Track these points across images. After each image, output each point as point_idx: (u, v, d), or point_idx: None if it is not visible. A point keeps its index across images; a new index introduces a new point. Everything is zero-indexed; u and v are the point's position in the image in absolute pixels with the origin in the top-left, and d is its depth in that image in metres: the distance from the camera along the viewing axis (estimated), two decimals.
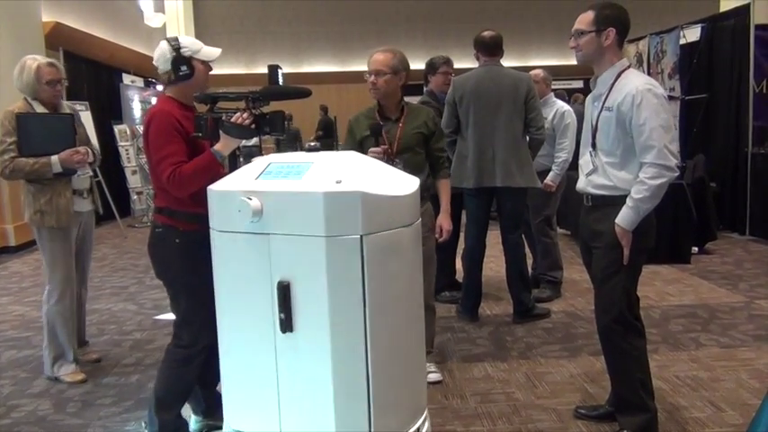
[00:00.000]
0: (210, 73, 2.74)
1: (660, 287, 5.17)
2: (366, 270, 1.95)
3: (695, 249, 6.24)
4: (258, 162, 2.16)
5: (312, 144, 2.17)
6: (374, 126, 3.20)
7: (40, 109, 3.47)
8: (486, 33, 4.29)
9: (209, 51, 2.71)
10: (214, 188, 2.09)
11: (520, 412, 3.05)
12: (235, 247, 2.02)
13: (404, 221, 2.08)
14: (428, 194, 3.38)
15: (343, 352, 1.99)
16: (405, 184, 2.17)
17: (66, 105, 3.62)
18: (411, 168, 3.20)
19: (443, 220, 3.36)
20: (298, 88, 2.64)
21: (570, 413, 3.00)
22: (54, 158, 3.34)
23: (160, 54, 2.63)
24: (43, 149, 3.36)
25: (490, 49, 4.26)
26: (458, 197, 4.50)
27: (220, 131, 2.51)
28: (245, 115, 2.49)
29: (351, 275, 1.95)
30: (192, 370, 2.67)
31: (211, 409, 2.84)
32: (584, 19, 2.61)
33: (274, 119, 2.51)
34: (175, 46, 2.60)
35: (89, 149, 3.52)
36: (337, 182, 1.94)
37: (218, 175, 2.43)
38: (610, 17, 2.57)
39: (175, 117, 2.55)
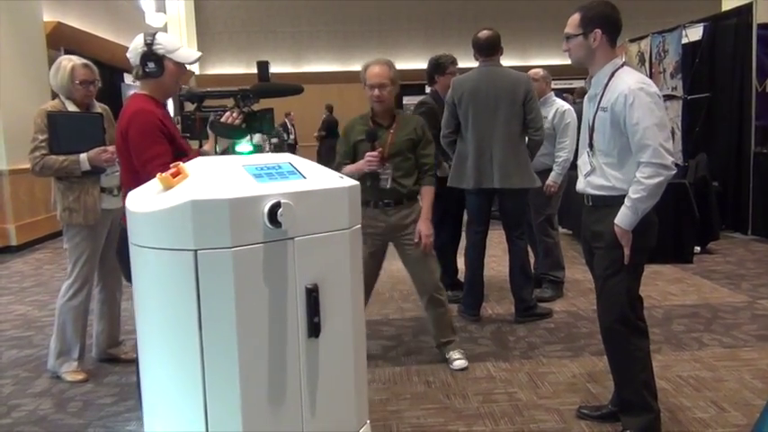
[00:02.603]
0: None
1: (663, 287, 5.16)
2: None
3: (698, 249, 6.22)
4: (211, 165, 1.95)
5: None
6: (369, 131, 3.45)
7: (72, 108, 3.52)
8: (481, 34, 4.28)
9: (186, 54, 2.60)
10: (215, 198, 1.75)
11: (522, 412, 3.05)
12: (254, 261, 1.80)
13: None
14: (418, 197, 3.57)
15: (359, 346, 2.07)
16: None
17: (99, 106, 3.69)
18: (401, 172, 3.48)
19: (422, 225, 3.50)
20: (289, 85, 2.56)
21: (573, 413, 2.99)
22: (82, 156, 3.39)
23: (133, 47, 2.54)
24: (73, 147, 3.41)
25: (485, 49, 4.26)
26: (460, 198, 4.51)
27: (209, 131, 2.44)
28: (234, 114, 2.41)
29: (358, 264, 2.07)
30: None
31: None
32: (572, 22, 2.61)
33: (265, 117, 2.46)
34: (149, 41, 2.51)
35: None
36: (340, 177, 2.05)
37: None
38: (595, 18, 2.56)
39: (158, 116, 2.46)
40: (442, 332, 3.65)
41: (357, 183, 2.08)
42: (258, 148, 2.61)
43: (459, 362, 3.57)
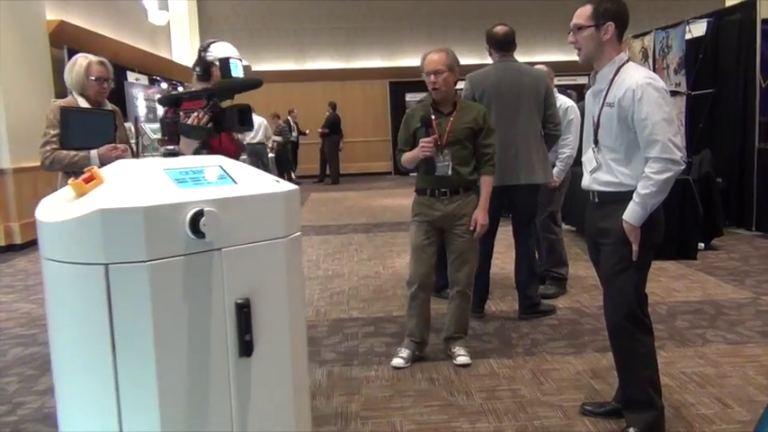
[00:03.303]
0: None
1: (666, 283, 5.15)
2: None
3: (701, 245, 6.21)
4: (130, 169, 1.78)
5: (169, 148, 1.97)
6: (425, 118, 3.44)
7: (84, 105, 3.58)
8: (498, 29, 4.26)
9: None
10: (128, 207, 1.58)
11: (526, 409, 3.05)
12: (174, 275, 1.62)
13: None
14: (474, 187, 3.57)
15: (299, 364, 1.90)
16: None
17: (111, 106, 3.75)
18: (457, 161, 3.46)
19: (479, 215, 3.52)
20: (246, 80, 2.63)
21: (576, 410, 2.99)
22: (93, 153, 3.43)
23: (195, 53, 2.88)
24: (83, 143, 3.43)
25: (504, 44, 4.24)
26: None
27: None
28: (200, 115, 2.46)
29: (297, 276, 1.88)
30: None
31: None
32: (583, 13, 2.59)
33: (230, 114, 2.47)
34: (201, 48, 2.82)
35: (129, 148, 3.65)
36: (276, 181, 1.89)
37: None
38: (609, 11, 2.55)
39: None
40: (456, 327, 3.66)
41: (295, 188, 1.93)
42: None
43: (462, 358, 3.58)
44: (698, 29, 7.96)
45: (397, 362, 3.57)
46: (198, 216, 1.61)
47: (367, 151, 16.57)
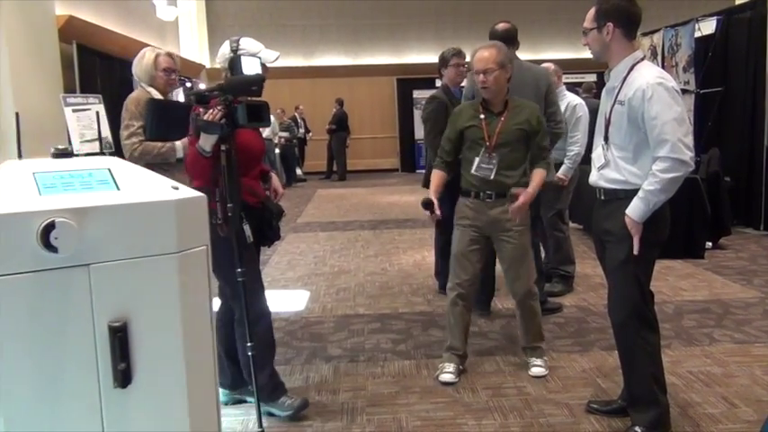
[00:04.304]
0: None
1: (673, 282, 5.14)
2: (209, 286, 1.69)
3: (709, 244, 6.19)
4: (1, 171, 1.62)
5: (60, 148, 1.77)
6: (427, 202, 3.21)
7: (156, 96, 3.62)
8: (499, 26, 4.25)
9: (266, 55, 2.89)
10: None
11: (531, 406, 3.05)
12: (22, 294, 1.42)
13: None
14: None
15: (199, 395, 1.67)
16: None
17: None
18: (506, 164, 3.26)
19: (523, 194, 3.21)
20: (249, 77, 2.73)
21: (582, 408, 3.00)
22: (178, 144, 3.45)
23: (221, 53, 2.87)
24: (166, 135, 3.44)
25: (504, 41, 4.21)
26: None
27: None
28: (215, 111, 2.53)
29: (196, 294, 1.66)
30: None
31: (236, 382, 3.07)
32: (588, 15, 2.62)
33: (240, 110, 2.52)
34: (234, 47, 2.82)
35: None
36: (174, 188, 1.67)
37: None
38: (608, 12, 2.55)
39: None
40: (527, 336, 3.48)
41: (196, 196, 1.67)
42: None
43: (537, 369, 3.40)
44: (707, 27, 7.92)
45: (447, 377, 3.33)
46: (50, 228, 1.41)
47: (374, 148, 16.56)
